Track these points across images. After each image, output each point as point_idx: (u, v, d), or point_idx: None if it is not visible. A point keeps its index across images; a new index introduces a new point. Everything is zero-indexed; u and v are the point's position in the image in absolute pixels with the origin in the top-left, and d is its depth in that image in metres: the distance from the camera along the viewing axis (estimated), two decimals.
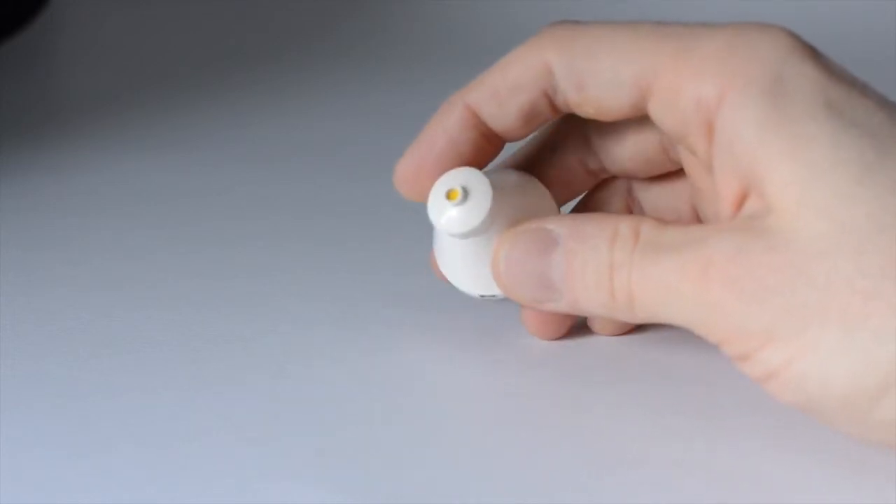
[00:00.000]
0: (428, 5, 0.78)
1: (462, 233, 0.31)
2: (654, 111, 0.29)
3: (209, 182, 0.51)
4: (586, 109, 0.30)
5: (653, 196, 0.34)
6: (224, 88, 0.67)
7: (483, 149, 0.32)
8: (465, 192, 0.31)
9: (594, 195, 0.35)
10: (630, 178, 0.34)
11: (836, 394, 0.26)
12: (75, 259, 0.43)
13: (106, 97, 0.66)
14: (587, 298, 0.29)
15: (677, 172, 0.33)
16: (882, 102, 0.27)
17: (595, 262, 0.29)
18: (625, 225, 0.29)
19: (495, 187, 0.31)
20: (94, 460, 0.29)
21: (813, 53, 0.27)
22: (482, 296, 0.33)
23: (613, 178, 0.35)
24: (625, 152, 0.33)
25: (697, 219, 0.33)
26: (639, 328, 0.35)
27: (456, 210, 0.31)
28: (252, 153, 0.55)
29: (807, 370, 0.26)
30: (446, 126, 0.31)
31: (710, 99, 0.27)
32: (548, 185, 0.33)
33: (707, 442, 0.29)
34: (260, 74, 0.70)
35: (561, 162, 0.34)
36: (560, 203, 0.34)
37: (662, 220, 0.29)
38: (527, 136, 0.32)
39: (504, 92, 0.31)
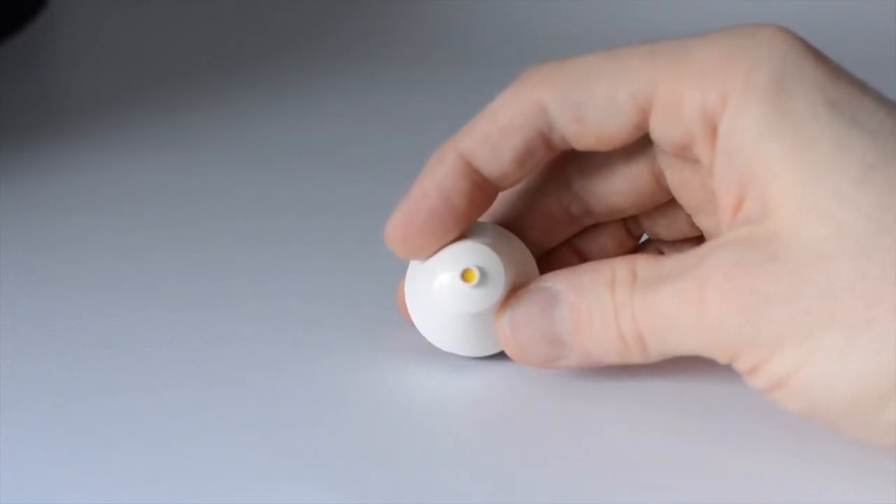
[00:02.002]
0: (428, 5, 0.78)
1: (477, 312, 0.31)
2: (656, 127, 0.29)
3: (209, 182, 0.51)
4: (587, 141, 0.29)
5: (652, 221, 0.34)
6: (224, 88, 0.67)
7: (476, 200, 0.31)
8: (483, 274, 0.30)
9: (588, 236, 0.34)
10: (616, 218, 0.33)
11: (841, 398, 0.25)
12: (75, 259, 0.43)
13: (106, 97, 0.66)
14: (598, 347, 0.29)
15: (671, 201, 0.32)
16: (881, 101, 0.27)
17: (599, 310, 0.29)
18: (621, 267, 0.29)
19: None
20: (94, 460, 0.29)
21: (812, 52, 0.27)
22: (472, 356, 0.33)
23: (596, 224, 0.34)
24: (612, 188, 0.32)
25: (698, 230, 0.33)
26: None
27: (473, 291, 0.30)
28: (252, 153, 0.55)
29: (812, 376, 0.26)
30: (438, 178, 0.30)
31: (714, 103, 0.27)
32: (526, 233, 0.33)
33: (708, 444, 0.29)
34: (260, 74, 0.70)
35: (540, 208, 0.33)
36: (540, 252, 0.33)
37: (658, 255, 0.29)
38: (520, 180, 0.31)
39: (497, 135, 0.30)
